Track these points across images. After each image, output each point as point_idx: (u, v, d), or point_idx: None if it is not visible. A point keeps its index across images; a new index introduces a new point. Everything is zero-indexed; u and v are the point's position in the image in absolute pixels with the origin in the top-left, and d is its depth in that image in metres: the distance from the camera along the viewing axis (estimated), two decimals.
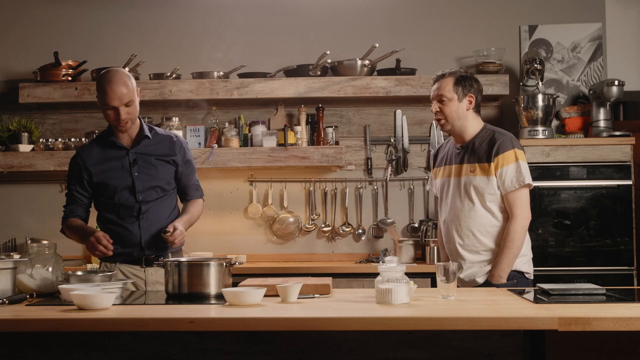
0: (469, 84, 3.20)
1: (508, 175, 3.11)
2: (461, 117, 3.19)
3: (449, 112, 3.18)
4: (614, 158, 4.39)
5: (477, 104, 3.23)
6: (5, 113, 4.96)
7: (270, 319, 2.30)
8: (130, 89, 3.14)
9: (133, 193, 3.25)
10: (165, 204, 3.30)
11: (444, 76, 3.21)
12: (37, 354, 2.37)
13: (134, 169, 3.24)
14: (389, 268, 2.55)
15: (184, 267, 2.77)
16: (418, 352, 2.32)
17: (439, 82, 3.22)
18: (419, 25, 4.99)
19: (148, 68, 4.85)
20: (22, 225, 5.00)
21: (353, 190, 4.98)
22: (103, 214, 3.33)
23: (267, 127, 4.86)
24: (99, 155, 3.29)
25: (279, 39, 5.02)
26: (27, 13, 5.09)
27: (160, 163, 3.28)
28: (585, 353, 2.33)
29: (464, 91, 3.18)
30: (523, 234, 3.15)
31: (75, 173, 3.31)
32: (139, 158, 3.26)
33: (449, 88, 3.18)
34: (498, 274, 3.13)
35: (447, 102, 3.17)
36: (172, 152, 3.30)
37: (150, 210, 3.25)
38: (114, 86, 3.12)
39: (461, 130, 3.22)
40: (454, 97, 3.17)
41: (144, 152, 3.26)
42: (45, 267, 2.90)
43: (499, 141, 3.14)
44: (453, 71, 3.23)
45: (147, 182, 3.25)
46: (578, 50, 4.89)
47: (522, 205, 3.14)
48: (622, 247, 4.36)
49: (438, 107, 3.20)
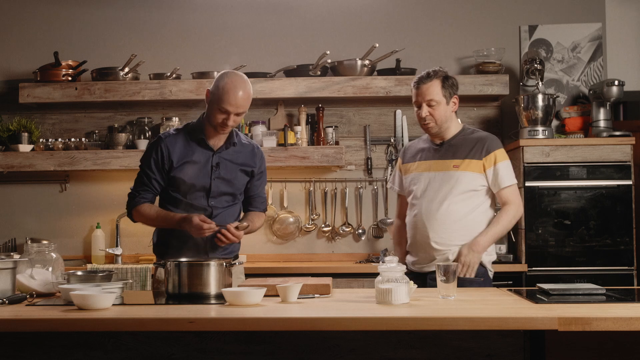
0: (452, 85, 3.19)
1: (503, 172, 3.17)
2: (448, 119, 3.20)
3: (439, 115, 3.15)
4: (614, 158, 4.39)
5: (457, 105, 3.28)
6: (5, 113, 4.96)
7: (270, 319, 2.30)
8: (249, 101, 3.09)
9: (207, 196, 3.17)
10: (232, 213, 3.23)
11: (430, 78, 3.14)
12: (37, 354, 2.37)
13: (214, 172, 3.16)
14: (389, 268, 2.55)
15: (184, 267, 2.77)
16: (418, 352, 2.33)
17: (424, 85, 3.15)
18: (419, 25, 5.00)
19: (148, 68, 4.85)
20: (22, 225, 5.00)
21: (353, 190, 4.98)
22: (168, 207, 3.20)
23: (267, 127, 4.87)
24: (183, 149, 3.17)
25: (279, 39, 5.02)
26: (27, 13, 5.09)
27: (239, 171, 3.20)
28: (586, 353, 2.33)
29: (450, 92, 3.17)
30: (513, 222, 3.22)
31: (157, 160, 3.17)
32: (222, 163, 3.17)
33: (437, 91, 3.14)
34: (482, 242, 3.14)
35: (436, 106, 3.14)
36: (252, 162, 3.23)
37: (219, 216, 3.16)
38: (238, 93, 3.04)
39: (444, 131, 3.23)
40: (443, 100, 3.14)
41: (228, 158, 3.18)
42: (45, 267, 2.90)
43: (488, 140, 3.20)
44: (436, 72, 3.16)
45: (222, 188, 3.17)
46: (578, 50, 4.89)
47: (518, 197, 3.24)
48: (622, 247, 4.36)
49: (428, 111, 3.15)
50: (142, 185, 3.21)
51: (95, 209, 4.97)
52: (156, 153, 3.19)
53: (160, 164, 3.18)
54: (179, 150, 3.17)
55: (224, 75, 3.11)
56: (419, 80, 3.19)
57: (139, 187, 3.22)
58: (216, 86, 3.08)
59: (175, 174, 3.16)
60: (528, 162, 4.41)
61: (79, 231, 4.98)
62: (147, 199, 3.21)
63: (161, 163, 3.17)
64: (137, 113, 4.99)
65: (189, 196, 3.17)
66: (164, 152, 3.17)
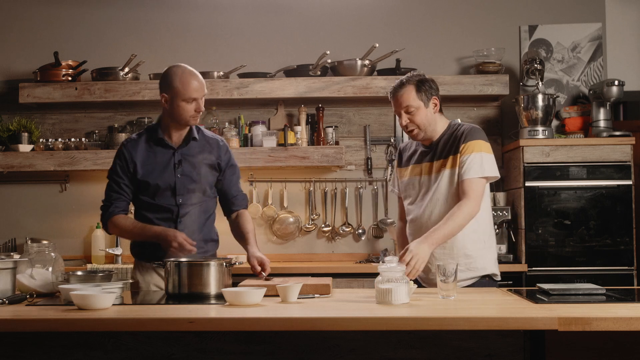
0: (429, 87, 3.10)
1: (469, 162, 3.02)
2: (431, 122, 3.12)
3: (420, 120, 3.09)
4: (614, 158, 4.39)
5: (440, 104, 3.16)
6: (5, 113, 4.96)
7: (270, 319, 2.30)
8: (204, 83, 3.18)
9: (174, 195, 3.18)
10: (203, 210, 3.24)
11: (403, 86, 3.10)
12: (37, 354, 2.37)
13: (177, 170, 3.18)
14: (389, 268, 2.55)
15: (184, 267, 2.77)
16: (418, 352, 2.33)
17: (398, 93, 3.10)
18: (419, 25, 5.00)
19: (148, 68, 4.85)
20: (22, 225, 5.00)
21: (353, 190, 4.98)
22: (141, 212, 3.24)
23: (267, 127, 4.87)
24: (145, 152, 3.22)
25: (279, 39, 5.03)
26: (27, 13, 5.09)
27: (204, 166, 3.21)
28: (586, 353, 2.33)
29: (427, 95, 3.09)
30: (469, 219, 3.00)
31: (122, 165, 3.21)
32: (184, 159, 3.19)
33: (412, 97, 3.08)
34: (432, 239, 2.93)
35: (415, 112, 3.08)
36: (217, 156, 3.24)
37: (189, 214, 3.19)
38: (197, 78, 3.14)
39: (431, 134, 3.15)
40: (420, 104, 3.08)
41: (190, 154, 3.20)
42: (45, 267, 2.90)
43: (465, 132, 3.08)
44: (409, 78, 3.12)
45: (188, 184, 3.18)
46: (578, 50, 4.89)
47: (477, 193, 3.02)
48: (622, 247, 4.36)
49: (407, 118, 3.10)
50: (113, 193, 3.23)
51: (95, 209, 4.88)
52: (120, 159, 3.24)
53: (125, 168, 3.22)
54: (141, 153, 3.21)
55: (174, 70, 3.16)
56: (393, 89, 3.14)
57: (110, 196, 3.24)
58: (171, 83, 3.13)
59: (141, 177, 3.19)
60: (528, 162, 4.41)
61: (79, 231, 4.98)
62: (121, 207, 3.22)
63: (126, 167, 3.22)
64: (137, 113, 4.99)
65: (157, 197, 3.20)
66: (127, 156, 3.22)
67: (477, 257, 3.11)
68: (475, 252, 3.11)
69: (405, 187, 3.27)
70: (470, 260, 3.11)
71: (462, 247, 3.09)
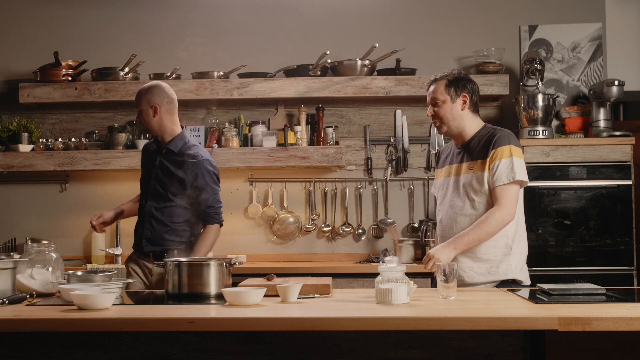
0: (462, 85, 3.16)
1: (499, 169, 3.02)
2: (457, 118, 3.15)
3: (443, 113, 3.15)
4: (614, 158, 4.39)
5: (473, 103, 3.17)
6: (5, 113, 4.96)
7: (270, 319, 2.30)
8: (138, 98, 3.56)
9: (146, 195, 3.56)
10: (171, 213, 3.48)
11: (437, 80, 3.20)
12: (37, 354, 2.37)
13: (154, 172, 3.53)
14: (389, 268, 2.55)
15: (184, 267, 2.77)
16: (418, 352, 2.33)
17: (432, 86, 3.20)
18: (419, 25, 5.00)
19: (148, 68, 4.85)
20: (22, 225, 5.00)
21: (353, 190, 4.98)
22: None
23: (267, 127, 4.86)
24: (147, 153, 3.67)
25: (279, 39, 5.02)
26: (27, 13, 5.09)
27: (173, 176, 3.47)
28: (586, 353, 2.33)
29: (457, 91, 3.14)
30: (499, 227, 3.01)
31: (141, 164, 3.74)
32: (162, 165, 3.52)
33: (441, 90, 3.15)
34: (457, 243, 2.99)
35: (441, 105, 3.15)
36: (183, 172, 3.46)
37: (156, 214, 3.50)
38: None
39: (459, 131, 3.17)
40: (447, 98, 3.14)
41: (167, 161, 3.50)
42: (45, 267, 2.90)
43: (497, 137, 3.08)
44: (446, 74, 3.20)
45: (157, 187, 3.51)
46: (578, 50, 4.89)
47: (510, 200, 3.01)
48: (622, 247, 4.36)
49: (433, 110, 3.18)
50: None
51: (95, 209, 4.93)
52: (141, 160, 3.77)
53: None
54: (145, 155, 3.68)
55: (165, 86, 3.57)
56: (430, 81, 3.25)
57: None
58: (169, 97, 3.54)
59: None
60: (528, 162, 4.39)
61: (79, 231, 4.98)
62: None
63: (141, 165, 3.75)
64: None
65: (140, 195, 3.64)
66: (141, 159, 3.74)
67: (499, 262, 3.08)
68: (496, 257, 3.08)
69: (438, 188, 3.31)
70: (490, 265, 3.08)
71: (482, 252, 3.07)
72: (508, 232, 3.09)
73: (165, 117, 3.51)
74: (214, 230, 3.50)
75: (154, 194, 3.51)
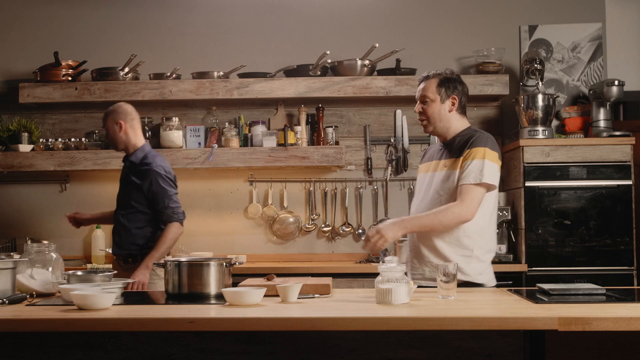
0: (452, 86, 3.16)
1: (469, 168, 3.00)
2: (443, 119, 3.15)
3: (431, 112, 3.15)
4: (614, 158, 4.39)
5: (461, 106, 3.18)
6: (5, 113, 4.96)
7: (270, 319, 2.30)
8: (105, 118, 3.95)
9: (117, 204, 3.93)
10: (134, 219, 3.84)
11: (429, 77, 3.19)
12: (37, 354, 2.37)
13: (121, 183, 3.92)
14: (389, 268, 2.55)
15: (184, 267, 2.77)
16: (418, 352, 2.33)
17: (423, 83, 3.19)
18: (419, 25, 5.00)
19: (148, 68, 4.85)
20: (22, 225, 5.00)
21: (353, 190, 4.98)
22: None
23: (267, 127, 4.86)
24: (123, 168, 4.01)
25: (279, 39, 5.03)
26: (27, 13, 5.09)
27: (134, 184, 3.82)
28: (586, 353, 2.33)
29: (447, 92, 3.14)
30: (455, 221, 2.98)
31: None
32: (126, 176, 3.89)
33: (432, 89, 3.15)
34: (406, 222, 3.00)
35: (429, 103, 3.15)
36: (140, 180, 3.81)
37: (122, 221, 3.86)
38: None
39: (444, 131, 3.18)
40: (437, 98, 3.14)
41: (130, 172, 3.86)
42: (45, 267, 2.90)
43: (475, 137, 3.08)
44: (438, 72, 3.20)
45: (123, 196, 3.90)
46: (578, 50, 4.89)
47: (472, 199, 2.98)
48: (622, 247, 4.36)
49: (421, 107, 3.18)
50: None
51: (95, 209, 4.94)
52: None
53: None
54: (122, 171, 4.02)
55: (127, 106, 3.99)
56: (421, 78, 3.25)
57: None
58: (131, 115, 3.93)
59: None
60: (528, 162, 4.41)
61: (79, 231, 4.94)
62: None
63: None
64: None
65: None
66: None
67: (460, 265, 2.99)
68: (457, 260, 3.01)
69: (417, 183, 3.32)
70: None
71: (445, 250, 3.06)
72: (470, 234, 3.05)
73: (129, 131, 3.89)
74: (173, 228, 3.77)
75: (120, 202, 3.91)
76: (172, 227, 3.77)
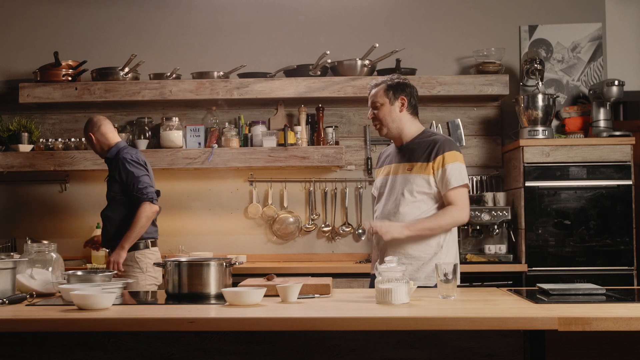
0: (400, 88, 3.27)
1: (449, 173, 3.13)
2: (395, 120, 3.26)
3: (382, 115, 3.26)
4: (614, 158, 4.39)
5: (412, 106, 3.28)
6: (5, 113, 4.96)
7: (270, 319, 2.30)
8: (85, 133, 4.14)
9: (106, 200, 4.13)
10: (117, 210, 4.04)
11: (377, 84, 3.31)
12: (37, 354, 2.37)
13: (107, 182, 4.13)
14: (389, 268, 2.55)
15: (184, 267, 2.77)
16: (418, 352, 2.33)
17: (373, 90, 3.30)
18: (419, 25, 5.00)
19: (148, 68, 4.85)
20: (22, 225, 5.00)
21: (353, 190, 4.98)
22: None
23: (267, 127, 4.86)
24: None
25: (279, 39, 5.02)
26: (27, 13, 5.09)
27: (113, 178, 4.05)
28: (586, 353, 2.33)
29: (396, 94, 3.26)
30: (453, 224, 3.17)
31: None
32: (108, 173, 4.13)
33: (380, 94, 3.26)
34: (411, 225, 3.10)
35: (380, 107, 3.26)
36: (115, 171, 4.03)
37: (107, 211, 4.07)
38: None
39: (398, 133, 3.28)
40: (386, 101, 3.26)
41: (109, 168, 4.11)
42: (45, 267, 2.90)
43: (440, 142, 3.20)
44: (385, 79, 3.31)
45: (107, 193, 4.10)
46: (578, 50, 4.89)
47: (465, 202, 3.16)
48: (622, 247, 4.36)
49: (372, 113, 3.30)
50: None
51: (95, 209, 4.93)
52: None
53: None
54: None
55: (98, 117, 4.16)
56: (370, 86, 3.35)
57: None
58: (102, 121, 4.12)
59: None
60: (528, 162, 4.41)
61: (79, 231, 4.97)
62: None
63: None
64: (137, 113, 4.99)
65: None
66: None
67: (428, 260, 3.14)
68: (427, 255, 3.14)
69: (378, 187, 3.38)
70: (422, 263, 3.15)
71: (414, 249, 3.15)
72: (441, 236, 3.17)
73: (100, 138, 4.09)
74: (143, 207, 3.95)
75: (107, 199, 4.11)
76: (143, 207, 3.95)
